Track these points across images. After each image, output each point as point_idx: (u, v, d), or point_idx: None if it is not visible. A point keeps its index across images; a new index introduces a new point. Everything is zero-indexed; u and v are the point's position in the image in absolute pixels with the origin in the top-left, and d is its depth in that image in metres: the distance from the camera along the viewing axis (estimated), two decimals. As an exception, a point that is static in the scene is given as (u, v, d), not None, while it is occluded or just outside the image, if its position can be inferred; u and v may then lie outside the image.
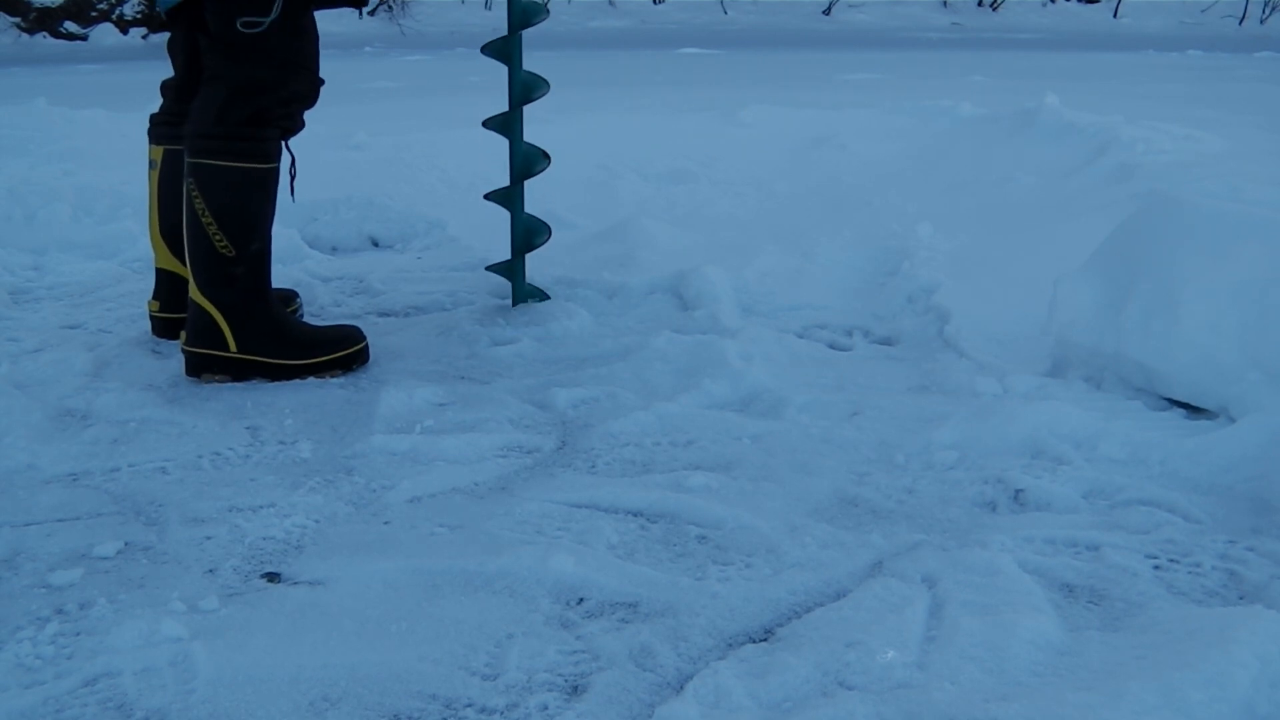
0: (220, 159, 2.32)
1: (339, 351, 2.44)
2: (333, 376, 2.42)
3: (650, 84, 7.23)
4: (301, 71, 2.37)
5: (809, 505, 1.84)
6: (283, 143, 2.41)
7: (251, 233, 2.37)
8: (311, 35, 2.40)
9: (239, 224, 2.35)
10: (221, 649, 1.42)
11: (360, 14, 15.09)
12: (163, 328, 2.67)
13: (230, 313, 2.37)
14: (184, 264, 2.58)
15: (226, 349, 2.37)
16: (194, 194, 2.33)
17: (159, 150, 2.61)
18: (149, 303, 2.70)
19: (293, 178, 2.48)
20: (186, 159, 2.35)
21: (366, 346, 2.49)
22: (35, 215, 3.49)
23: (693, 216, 3.85)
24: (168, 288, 2.66)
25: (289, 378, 2.39)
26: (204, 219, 2.32)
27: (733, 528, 1.75)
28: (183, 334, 2.42)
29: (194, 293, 2.38)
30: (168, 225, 2.61)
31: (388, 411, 2.20)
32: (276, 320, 2.41)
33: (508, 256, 2.87)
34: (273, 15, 2.26)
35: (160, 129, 2.61)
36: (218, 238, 2.33)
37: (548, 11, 2.73)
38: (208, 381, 2.38)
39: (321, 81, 2.44)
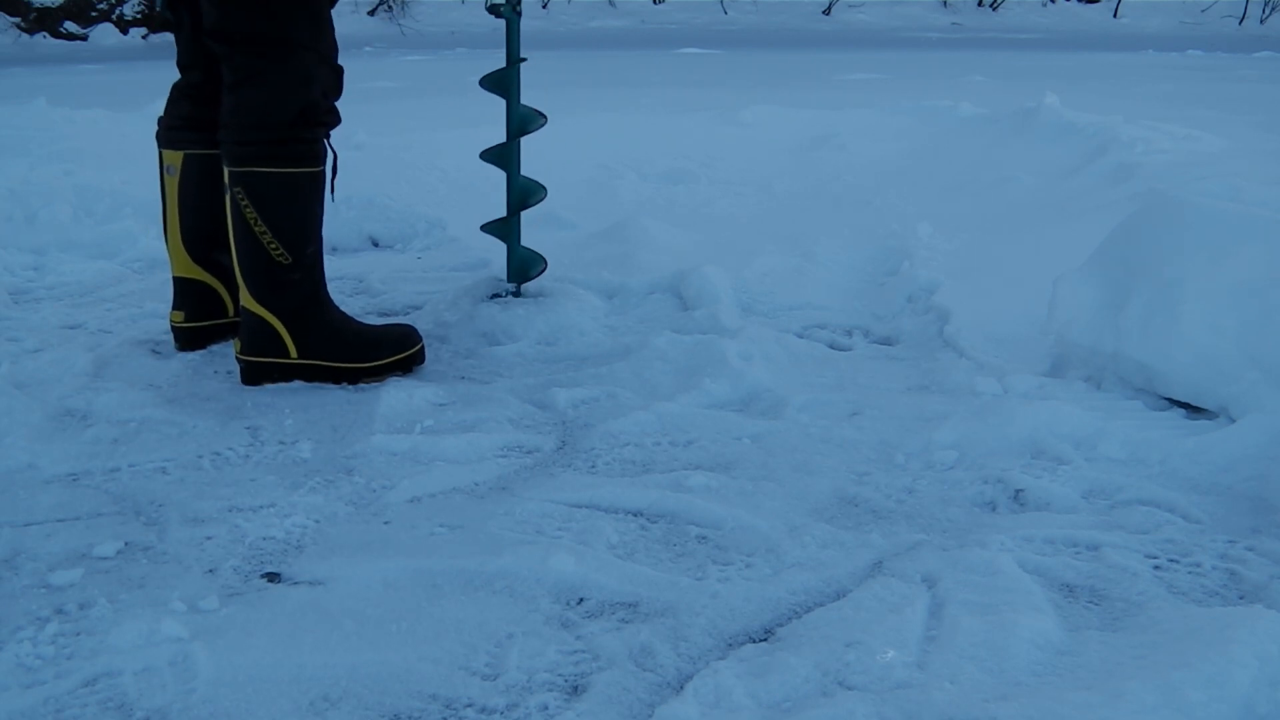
0: (270, 165, 2.23)
1: (400, 353, 2.38)
2: (393, 378, 2.37)
3: (650, 84, 7.23)
4: (331, 63, 2.30)
5: (809, 505, 1.84)
6: (326, 141, 2.33)
7: (307, 237, 2.30)
8: (331, 24, 2.32)
9: (294, 230, 2.27)
10: (222, 649, 1.42)
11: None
12: (190, 339, 2.55)
13: (289, 319, 2.30)
14: (208, 272, 2.53)
15: (287, 355, 2.31)
16: (244, 204, 2.23)
17: (178, 155, 2.50)
18: (171, 315, 2.57)
19: (334, 175, 2.38)
20: (229, 168, 2.24)
21: (423, 347, 2.44)
22: (35, 215, 3.48)
23: (693, 216, 3.85)
24: (193, 297, 2.54)
25: (353, 381, 2.35)
26: (257, 228, 2.24)
27: (733, 528, 1.75)
28: (236, 342, 2.35)
29: (248, 302, 2.30)
30: (190, 232, 2.51)
31: (388, 411, 2.20)
32: (335, 323, 2.35)
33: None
34: None
35: (178, 133, 2.50)
36: (273, 246, 2.25)
37: (544, 119, 2.72)
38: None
39: (342, 69, 2.36)
